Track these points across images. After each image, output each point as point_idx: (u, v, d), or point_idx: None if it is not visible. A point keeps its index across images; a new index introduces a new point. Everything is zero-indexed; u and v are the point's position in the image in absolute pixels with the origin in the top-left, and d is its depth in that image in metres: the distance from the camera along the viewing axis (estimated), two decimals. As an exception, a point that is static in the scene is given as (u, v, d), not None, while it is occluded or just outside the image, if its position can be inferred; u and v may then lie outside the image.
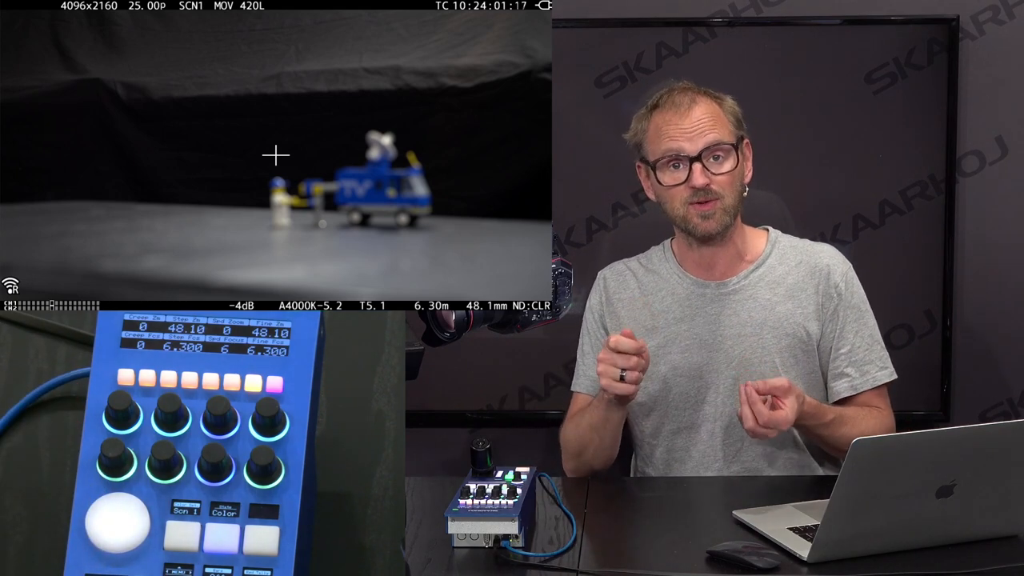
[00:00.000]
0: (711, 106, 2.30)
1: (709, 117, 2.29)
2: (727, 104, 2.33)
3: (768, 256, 2.38)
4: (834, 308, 2.34)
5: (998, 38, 2.96)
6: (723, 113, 2.31)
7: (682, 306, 2.36)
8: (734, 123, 2.32)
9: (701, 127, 2.27)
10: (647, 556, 1.97)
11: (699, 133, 2.27)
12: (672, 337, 2.35)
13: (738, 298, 2.35)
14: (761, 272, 2.36)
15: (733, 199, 2.30)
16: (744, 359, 2.31)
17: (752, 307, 2.34)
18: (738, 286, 2.35)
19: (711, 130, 2.28)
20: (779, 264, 2.37)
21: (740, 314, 2.34)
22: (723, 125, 2.30)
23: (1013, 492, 1.85)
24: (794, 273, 2.36)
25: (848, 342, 2.34)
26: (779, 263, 2.37)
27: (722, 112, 2.31)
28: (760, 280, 2.36)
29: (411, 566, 1.78)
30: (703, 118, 2.28)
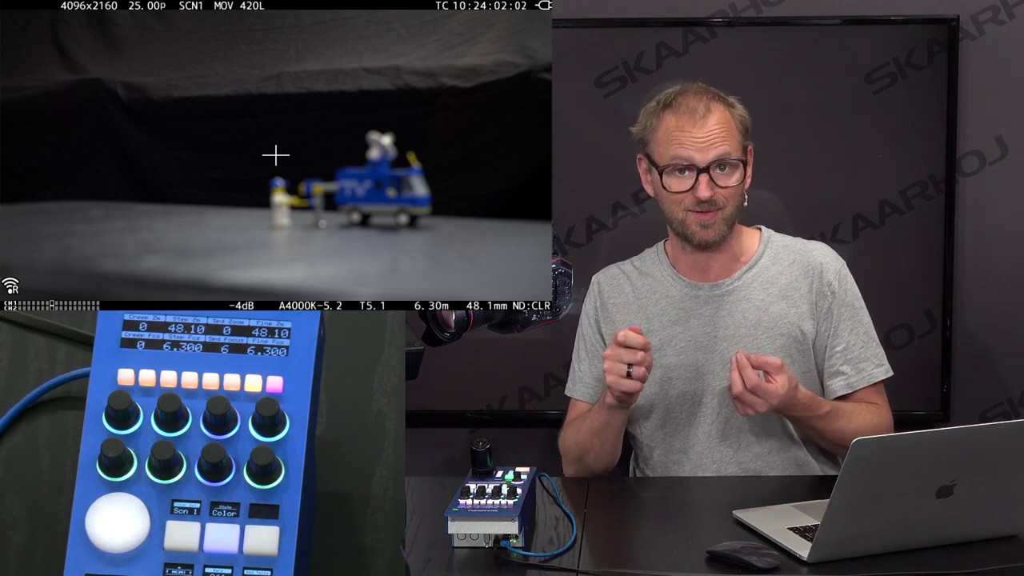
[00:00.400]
0: (724, 115, 2.28)
1: (722, 127, 2.27)
2: (737, 112, 2.31)
3: (761, 256, 2.38)
4: (828, 306, 2.33)
5: (998, 38, 2.96)
6: (734, 122, 2.29)
7: (676, 308, 2.36)
8: (742, 132, 2.31)
9: (713, 138, 2.26)
10: (647, 556, 1.97)
11: (710, 144, 2.25)
12: (667, 340, 2.35)
13: (732, 299, 2.35)
14: (754, 272, 2.36)
15: (734, 209, 2.30)
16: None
17: (746, 308, 2.34)
18: (732, 287, 2.35)
19: (723, 142, 2.26)
20: (772, 264, 2.37)
21: (735, 315, 2.34)
22: (733, 136, 2.28)
23: (1013, 492, 1.85)
24: (787, 273, 2.36)
25: (843, 340, 2.33)
26: (772, 263, 2.37)
27: (733, 121, 2.29)
28: (753, 280, 2.36)
29: (411, 566, 1.78)
30: (716, 128, 2.26)
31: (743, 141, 2.30)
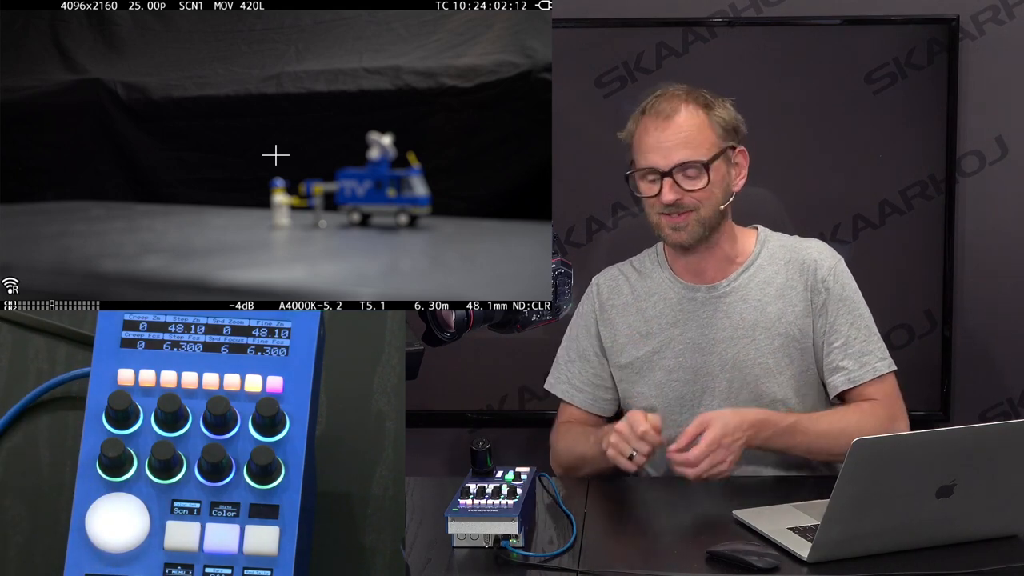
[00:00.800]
0: (695, 117, 2.26)
1: (688, 130, 2.25)
2: (716, 113, 2.27)
3: (757, 256, 2.37)
4: (823, 303, 2.31)
5: (998, 38, 2.96)
6: (709, 124, 2.26)
7: (674, 311, 2.36)
8: (720, 133, 2.27)
9: (676, 142, 2.24)
10: (647, 556, 1.97)
11: (673, 148, 2.24)
12: (666, 342, 2.34)
13: (729, 300, 2.34)
14: (751, 273, 2.35)
15: (710, 211, 2.28)
16: (738, 361, 2.31)
17: (743, 309, 2.33)
18: (728, 288, 2.35)
19: (685, 146, 2.24)
20: (768, 264, 2.36)
21: (732, 316, 2.33)
22: (703, 140, 2.25)
23: (1013, 492, 1.85)
24: (783, 272, 2.34)
25: (842, 335, 2.30)
26: (768, 263, 2.36)
27: (708, 122, 2.26)
28: (750, 281, 2.35)
29: (411, 566, 1.78)
30: (681, 131, 2.24)
31: (720, 141, 2.27)
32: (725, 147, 2.28)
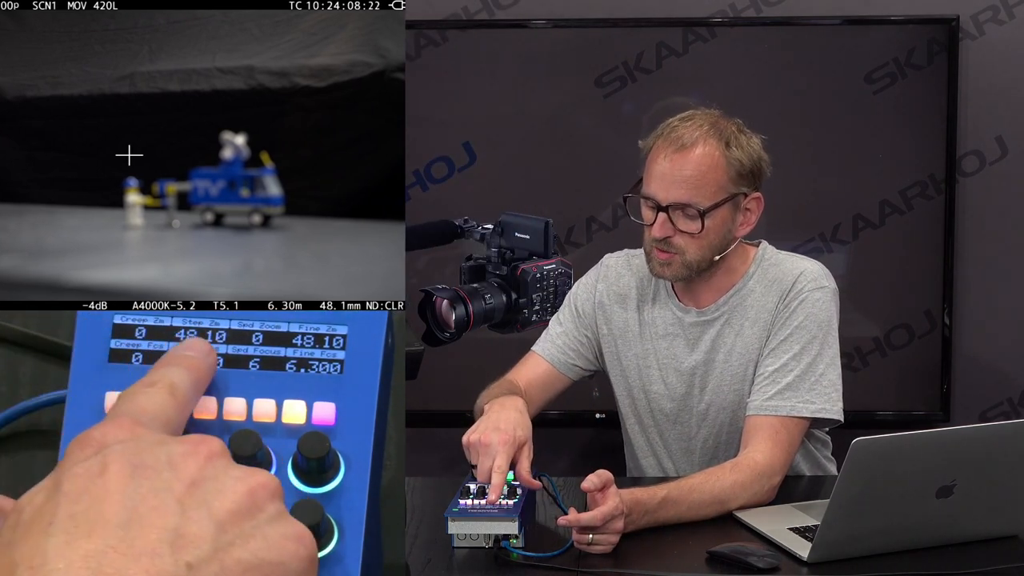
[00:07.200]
0: (710, 156, 2.13)
1: (697, 169, 2.12)
2: (735, 154, 2.14)
3: (749, 279, 2.27)
4: (783, 321, 2.19)
5: (998, 38, 2.96)
6: (724, 165, 2.13)
7: (666, 324, 2.31)
8: (733, 176, 2.14)
9: (681, 178, 2.13)
10: (647, 556, 1.97)
11: (676, 184, 2.12)
12: (653, 352, 2.30)
13: (715, 325, 2.27)
14: (739, 297, 2.27)
15: (698, 256, 2.18)
16: (716, 387, 2.26)
17: (726, 333, 2.26)
18: (716, 314, 2.27)
19: (688, 186, 2.12)
20: (757, 286, 2.26)
21: (715, 340, 2.26)
22: (710, 182, 2.13)
23: (1013, 492, 1.85)
24: (766, 294, 2.25)
25: (779, 361, 2.16)
26: (758, 284, 2.26)
27: (723, 163, 2.13)
28: (738, 305, 2.26)
29: (411, 566, 1.77)
30: (688, 167, 2.12)
31: (730, 187, 2.15)
32: (735, 193, 2.16)
